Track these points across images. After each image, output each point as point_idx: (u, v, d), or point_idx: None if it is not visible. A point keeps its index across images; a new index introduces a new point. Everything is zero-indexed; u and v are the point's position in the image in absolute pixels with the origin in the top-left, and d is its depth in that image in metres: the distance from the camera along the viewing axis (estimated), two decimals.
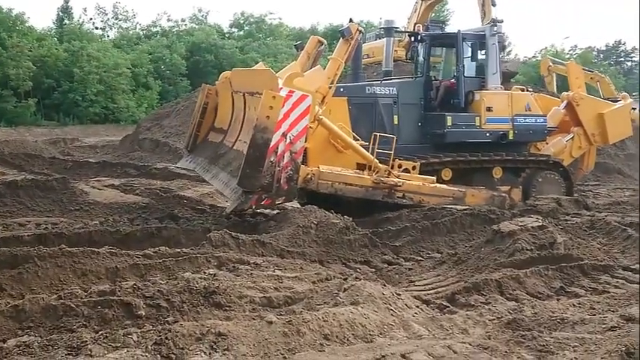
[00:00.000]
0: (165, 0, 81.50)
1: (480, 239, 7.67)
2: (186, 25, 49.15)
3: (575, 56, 51.37)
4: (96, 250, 6.19)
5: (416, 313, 5.02)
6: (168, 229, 8.63)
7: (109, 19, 48.77)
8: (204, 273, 5.93)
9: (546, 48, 53.68)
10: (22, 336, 4.43)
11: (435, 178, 10.56)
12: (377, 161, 10.03)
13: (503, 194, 11.18)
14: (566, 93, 13.70)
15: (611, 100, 14.08)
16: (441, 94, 11.87)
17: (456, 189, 10.60)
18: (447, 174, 11.11)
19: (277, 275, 6.01)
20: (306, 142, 9.15)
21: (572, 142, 13.08)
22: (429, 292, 6.33)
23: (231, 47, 42.90)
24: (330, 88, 10.20)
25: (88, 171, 15.60)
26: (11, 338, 4.43)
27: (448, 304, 5.59)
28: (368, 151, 10.13)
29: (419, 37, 12.38)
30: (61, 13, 43.11)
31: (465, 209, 9.25)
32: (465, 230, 8.55)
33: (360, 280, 5.44)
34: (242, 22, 52.51)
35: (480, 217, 8.68)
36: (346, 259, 7.65)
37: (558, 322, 4.73)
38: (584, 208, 10.28)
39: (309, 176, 9.51)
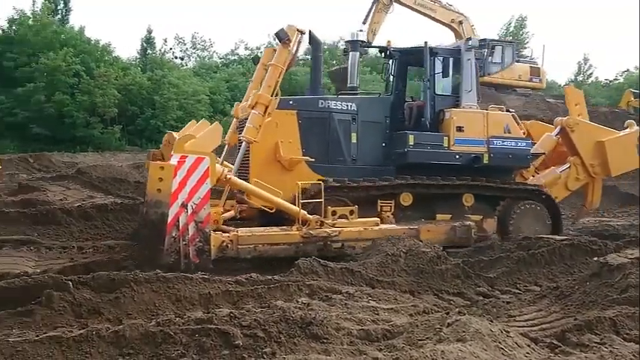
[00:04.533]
0: (242, 29, 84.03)
1: (584, 272, 7.16)
2: (261, 52, 50.21)
3: None
4: (189, 275, 6.18)
5: (528, 353, 4.65)
6: None
7: (187, 48, 50.63)
8: (298, 302, 5.79)
9: (628, 70, 51.20)
10: None
11: (379, 219, 9.57)
12: (305, 212, 8.98)
13: (468, 224, 9.98)
14: (559, 118, 12.34)
15: None
16: (414, 114, 11.02)
17: (406, 227, 9.52)
18: (406, 199, 10.12)
19: (372, 306, 5.80)
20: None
21: (569, 173, 11.69)
22: (532, 328, 5.92)
23: (303, 74, 43.41)
24: (273, 97, 9.30)
25: None
26: None
27: (559, 344, 5.16)
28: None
29: (388, 53, 11.48)
30: (144, 44, 45.05)
31: (563, 239, 8.72)
32: (565, 262, 8.04)
33: (464, 314, 5.12)
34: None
35: (581, 248, 8.15)
36: (438, 290, 7.34)
37: None
38: None
39: (225, 244, 8.41)
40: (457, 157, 10.46)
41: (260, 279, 6.52)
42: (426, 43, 10.69)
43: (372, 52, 19.36)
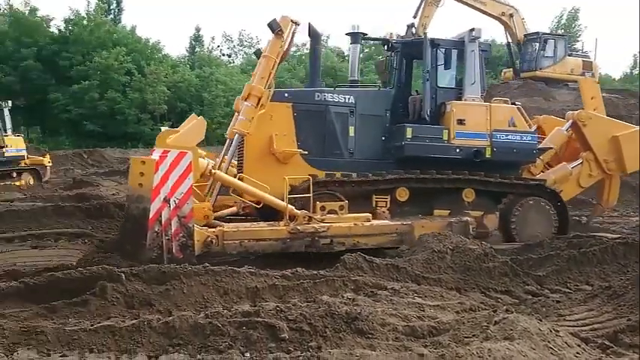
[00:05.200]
0: None
1: (638, 271, 6.93)
2: (307, 49, 50.44)
3: None
4: (237, 269, 6.29)
5: (578, 353, 4.55)
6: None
7: (234, 45, 51.33)
8: (343, 297, 5.82)
9: None
10: (173, 353, 4.55)
11: (370, 215, 9.21)
12: (292, 207, 8.73)
13: (465, 219, 9.56)
14: (571, 112, 11.72)
15: None
16: (417, 108, 10.65)
17: (399, 223, 9.17)
18: (402, 194, 9.78)
19: (418, 303, 5.77)
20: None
21: (581, 169, 11.15)
22: (583, 328, 5.79)
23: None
24: (266, 89, 9.19)
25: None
26: (162, 355, 4.56)
27: (611, 344, 5.03)
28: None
29: (390, 46, 11.16)
30: (193, 42, 45.89)
31: (617, 237, 8.46)
32: (618, 261, 7.76)
33: (512, 312, 5.05)
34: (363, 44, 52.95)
35: (636, 246, 7.87)
36: (485, 288, 7.22)
37: None
38: None
39: (210, 239, 8.21)
40: (457, 150, 10.12)
41: (306, 274, 6.58)
42: (425, 34, 10.52)
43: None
